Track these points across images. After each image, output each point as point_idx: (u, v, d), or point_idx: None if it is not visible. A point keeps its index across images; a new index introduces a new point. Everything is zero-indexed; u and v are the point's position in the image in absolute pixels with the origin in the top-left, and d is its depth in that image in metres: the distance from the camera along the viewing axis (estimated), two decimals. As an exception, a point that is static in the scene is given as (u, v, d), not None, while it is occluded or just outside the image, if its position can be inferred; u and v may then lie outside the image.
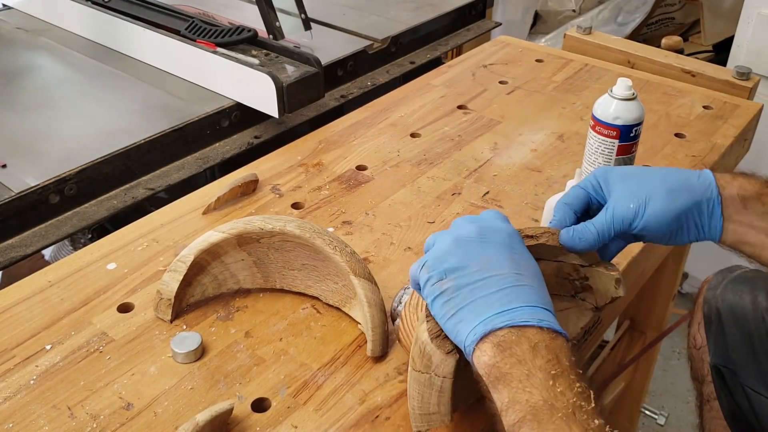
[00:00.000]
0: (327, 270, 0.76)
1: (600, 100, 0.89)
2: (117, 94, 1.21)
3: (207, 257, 0.77)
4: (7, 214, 0.92)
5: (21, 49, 1.37)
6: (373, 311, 0.71)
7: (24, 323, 0.76)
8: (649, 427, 1.75)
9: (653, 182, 0.66)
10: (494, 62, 1.37)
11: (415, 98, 1.24)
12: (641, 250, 0.89)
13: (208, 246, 0.76)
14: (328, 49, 1.32)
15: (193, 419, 0.62)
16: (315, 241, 0.74)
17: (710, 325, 0.99)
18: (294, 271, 0.79)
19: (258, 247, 0.78)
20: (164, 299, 0.76)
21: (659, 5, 2.41)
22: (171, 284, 0.76)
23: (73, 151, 1.03)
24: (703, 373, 1.02)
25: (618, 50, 1.39)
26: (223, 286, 0.80)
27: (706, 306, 1.01)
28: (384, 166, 1.05)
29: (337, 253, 0.73)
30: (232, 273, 0.79)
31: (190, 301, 0.78)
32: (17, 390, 0.68)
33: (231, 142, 1.15)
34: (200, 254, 0.76)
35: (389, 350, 0.73)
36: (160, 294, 0.76)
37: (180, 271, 0.75)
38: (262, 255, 0.79)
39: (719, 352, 0.98)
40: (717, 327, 0.98)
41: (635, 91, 0.88)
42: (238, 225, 0.76)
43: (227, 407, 0.64)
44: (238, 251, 0.78)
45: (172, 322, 0.76)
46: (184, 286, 0.76)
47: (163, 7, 1.34)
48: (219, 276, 0.79)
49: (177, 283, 0.75)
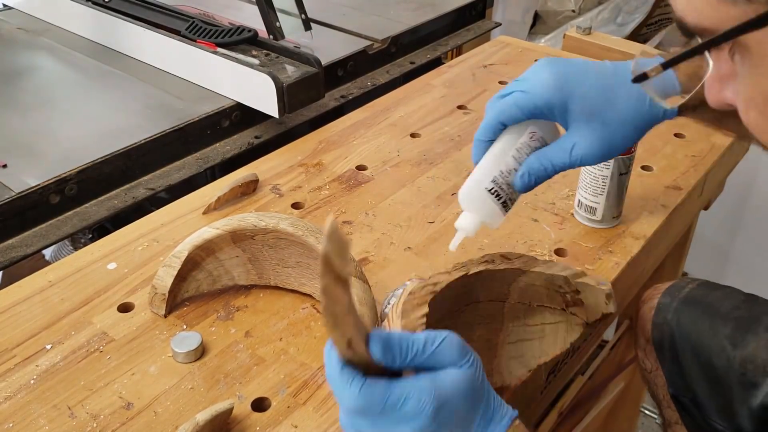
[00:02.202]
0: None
1: None
2: (117, 94, 1.21)
3: (201, 253, 0.77)
4: (8, 214, 0.92)
5: (21, 49, 1.37)
6: (364, 310, 0.71)
7: (24, 323, 0.76)
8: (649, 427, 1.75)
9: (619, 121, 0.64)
10: (494, 62, 1.37)
11: (415, 98, 1.24)
12: (641, 250, 0.89)
13: (202, 242, 0.76)
14: (328, 50, 1.32)
15: (194, 419, 0.62)
16: (308, 239, 0.74)
17: (663, 352, 0.93)
18: (288, 268, 0.79)
19: (252, 244, 0.78)
20: (158, 294, 0.76)
21: (659, 5, 2.41)
22: (165, 279, 0.76)
23: (73, 151, 1.03)
24: (659, 397, 0.98)
25: (618, 50, 1.39)
26: (218, 282, 0.80)
27: (657, 331, 0.93)
28: (384, 166, 1.05)
29: None
30: (227, 269, 0.80)
31: (184, 296, 0.79)
32: (17, 390, 0.68)
33: (231, 142, 1.16)
34: (194, 250, 0.76)
35: None
36: (154, 288, 0.77)
37: (174, 266, 0.76)
38: (256, 252, 0.79)
39: (677, 382, 0.92)
40: (671, 355, 0.92)
41: None
42: (232, 222, 0.76)
43: (227, 407, 0.64)
44: (233, 248, 0.78)
45: (166, 316, 0.77)
46: (179, 281, 0.77)
47: (164, 8, 1.34)
48: (214, 272, 0.80)
49: (171, 278, 0.76)
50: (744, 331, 0.86)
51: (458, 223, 0.67)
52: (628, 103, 0.65)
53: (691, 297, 0.93)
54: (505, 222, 0.93)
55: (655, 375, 0.97)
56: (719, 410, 0.87)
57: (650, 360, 0.97)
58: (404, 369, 0.49)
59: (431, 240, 0.90)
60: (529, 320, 0.69)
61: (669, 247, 1.15)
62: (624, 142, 0.66)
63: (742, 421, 0.85)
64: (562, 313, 0.69)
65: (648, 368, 0.98)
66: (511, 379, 0.68)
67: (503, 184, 0.66)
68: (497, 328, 0.69)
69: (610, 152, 0.66)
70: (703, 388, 0.88)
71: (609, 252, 0.88)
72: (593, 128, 0.64)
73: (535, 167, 0.65)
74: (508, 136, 0.67)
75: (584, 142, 0.65)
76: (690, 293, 0.93)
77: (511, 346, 0.69)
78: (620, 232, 0.91)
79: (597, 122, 0.64)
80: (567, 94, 0.64)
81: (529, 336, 0.69)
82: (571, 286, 0.67)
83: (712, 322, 0.89)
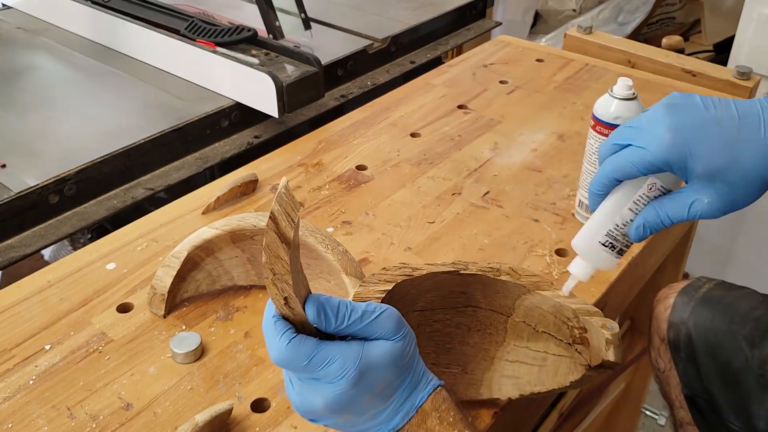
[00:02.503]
0: (320, 268, 0.76)
1: (600, 100, 0.89)
2: (117, 94, 1.21)
3: (201, 253, 0.77)
4: (7, 214, 0.92)
5: (21, 49, 1.37)
6: None
7: (23, 323, 0.76)
8: (649, 427, 1.75)
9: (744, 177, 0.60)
10: (494, 62, 1.37)
11: (415, 98, 1.24)
12: (641, 250, 0.89)
13: (201, 242, 0.76)
14: (328, 49, 1.32)
15: (192, 420, 0.62)
16: (307, 240, 0.74)
17: (678, 352, 0.92)
18: None
19: (252, 245, 0.78)
20: (158, 294, 0.76)
21: (660, 5, 2.41)
22: (164, 279, 0.76)
23: (72, 151, 1.03)
24: (671, 398, 0.97)
25: (618, 50, 1.39)
26: (217, 283, 0.80)
27: (672, 331, 0.92)
28: (384, 165, 1.05)
29: (329, 251, 0.73)
30: (226, 269, 0.80)
31: (183, 297, 0.78)
32: (16, 390, 0.68)
33: (231, 142, 1.15)
34: (193, 250, 0.76)
35: None
36: (153, 289, 0.77)
37: (173, 267, 0.76)
38: (255, 252, 0.79)
39: (692, 382, 0.91)
40: (687, 354, 0.91)
41: (636, 91, 0.88)
42: (231, 222, 0.76)
43: (227, 407, 0.64)
44: (232, 248, 0.78)
45: (166, 317, 0.77)
46: (178, 281, 0.77)
47: (163, 7, 1.34)
48: (213, 272, 0.79)
49: (170, 279, 0.76)
50: (762, 332, 0.86)
51: (572, 269, 0.67)
52: (755, 161, 0.60)
53: (709, 297, 0.92)
54: (505, 222, 0.93)
55: (668, 375, 0.96)
56: (735, 411, 0.87)
57: (664, 360, 0.96)
58: (339, 334, 0.51)
59: (431, 240, 0.89)
60: (533, 344, 0.66)
61: (670, 247, 1.15)
62: (747, 200, 0.62)
63: (758, 422, 0.84)
64: (568, 348, 0.65)
65: (661, 368, 0.97)
66: (500, 395, 0.67)
67: (618, 235, 0.66)
68: (498, 341, 0.67)
69: (732, 209, 0.62)
70: (719, 388, 0.88)
71: (610, 252, 0.88)
72: (716, 188, 0.61)
73: (650, 219, 0.63)
74: (626, 189, 0.65)
75: (705, 199, 0.62)
76: (707, 293, 0.92)
77: (508, 364, 0.67)
78: (621, 232, 0.91)
79: (719, 182, 0.61)
80: (686, 154, 0.60)
81: (529, 360, 0.66)
82: (579, 321, 0.63)
83: (730, 322, 0.88)
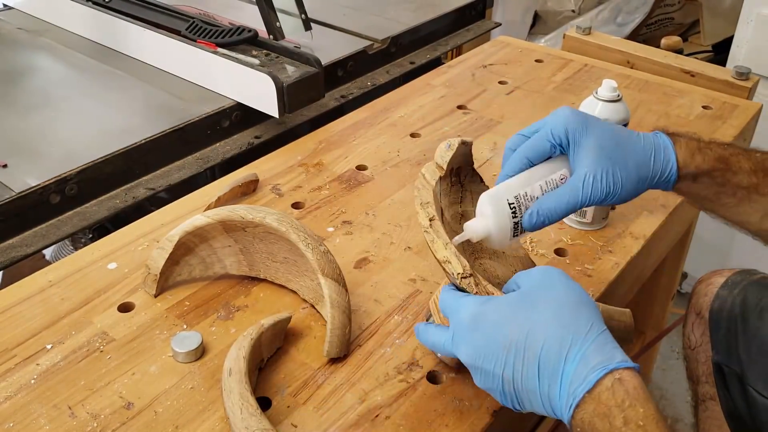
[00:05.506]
0: (305, 266, 0.77)
1: (585, 101, 0.90)
2: (118, 95, 1.21)
3: (195, 239, 0.80)
4: (8, 214, 0.92)
5: (22, 50, 1.37)
6: (335, 313, 0.71)
7: (25, 323, 0.76)
8: (648, 426, 1.75)
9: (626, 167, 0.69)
10: (494, 62, 1.38)
11: (415, 98, 1.24)
12: (641, 250, 0.89)
13: (193, 228, 0.78)
14: (328, 50, 1.33)
15: (259, 323, 0.70)
16: (290, 236, 0.75)
17: (719, 321, 0.95)
18: (277, 263, 0.80)
19: (244, 236, 0.80)
20: (151, 274, 0.79)
21: (659, 5, 2.41)
22: (158, 260, 0.79)
23: (73, 151, 1.03)
24: (698, 373, 1.01)
25: (617, 50, 1.39)
26: (210, 269, 0.82)
27: (718, 301, 0.96)
28: (384, 166, 1.05)
29: (309, 250, 0.73)
30: (219, 258, 0.82)
31: (177, 279, 0.81)
32: (18, 389, 0.68)
33: (231, 142, 1.16)
34: (186, 236, 0.78)
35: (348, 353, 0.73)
36: (147, 268, 0.79)
37: (166, 249, 0.78)
38: (247, 244, 0.80)
39: (725, 350, 0.95)
40: (728, 323, 0.94)
41: (620, 92, 0.88)
42: (222, 212, 0.78)
43: (286, 316, 0.73)
44: (226, 237, 0.80)
45: (156, 296, 0.79)
46: (171, 264, 0.79)
47: (164, 8, 1.34)
48: (207, 259, 0.82)
49: (163, 260, 0.78)
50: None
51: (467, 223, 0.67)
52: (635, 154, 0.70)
53: (764, 281, 0.96)
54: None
55: (698, 351, 0.99)
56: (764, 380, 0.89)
57: (696, 334, 1.00)
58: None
59: (431, 240, 0.90)
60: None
61: (669, 247, 1.15)
62: (625, 185, 0.69)
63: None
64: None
65: (692, 344, 1.01)
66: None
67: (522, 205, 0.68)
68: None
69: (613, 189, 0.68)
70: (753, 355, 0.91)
71: (609, 252, 0.88)
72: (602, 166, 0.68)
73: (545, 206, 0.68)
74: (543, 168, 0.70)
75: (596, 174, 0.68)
76: (761, 279, 0.97)
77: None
78: (620, 232, 0.92)
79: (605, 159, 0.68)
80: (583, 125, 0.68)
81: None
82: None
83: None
